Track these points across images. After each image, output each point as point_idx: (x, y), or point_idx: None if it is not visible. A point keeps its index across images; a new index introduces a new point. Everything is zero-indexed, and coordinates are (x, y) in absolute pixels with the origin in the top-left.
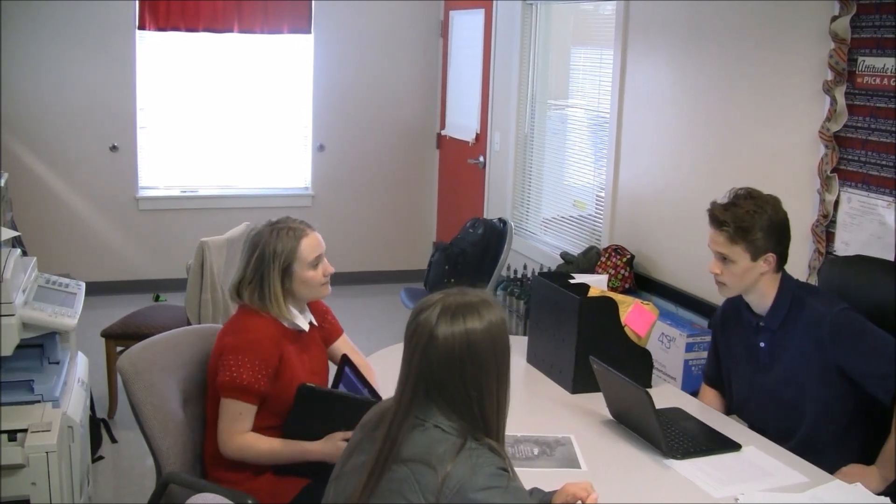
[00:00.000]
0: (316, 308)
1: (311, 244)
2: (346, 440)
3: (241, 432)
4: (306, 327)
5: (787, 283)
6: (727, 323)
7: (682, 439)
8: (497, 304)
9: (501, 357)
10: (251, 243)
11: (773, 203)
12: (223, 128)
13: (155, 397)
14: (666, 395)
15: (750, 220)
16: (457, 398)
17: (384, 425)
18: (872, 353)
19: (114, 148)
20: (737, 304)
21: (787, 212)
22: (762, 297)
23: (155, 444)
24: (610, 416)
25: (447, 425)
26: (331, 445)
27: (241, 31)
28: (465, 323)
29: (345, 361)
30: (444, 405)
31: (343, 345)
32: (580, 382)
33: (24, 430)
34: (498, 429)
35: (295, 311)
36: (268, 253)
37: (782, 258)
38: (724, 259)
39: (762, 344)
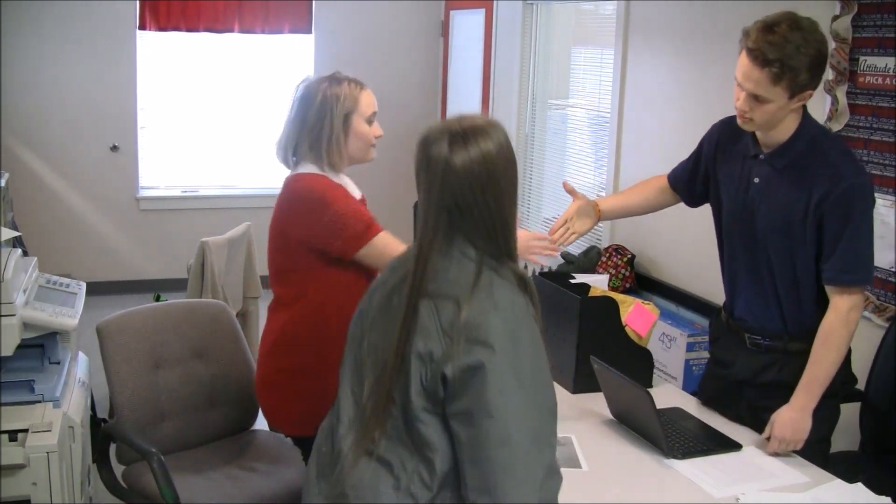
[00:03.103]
0: None
1: (370, 99)
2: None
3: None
4: (358, 195)
5: (808, 122)
6: (723, 143)
7: (683, 439)
8: (499, 122)
9: (514, 173)
10: (304, 95)
11: (818, 31)
12: (224, 128)
13: (121, 356)
14: (667, 394)
15: (799, 57)
16: (479, 221)
17: (411, 260)
18: (854, 240)
19: (114, 148)
20: (736, 127)
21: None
22: (778, 133)
23: (114, 397)
24: (611, 416)
25: (471, 253)
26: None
27: (242, 31)
28: (479, 146)
29: None
30: (468, 230)
31: None
32: (581, 382)
33: (25, 431)
34: (514, 247)
35: (346, 178)
36: (329, 99)
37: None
38: (755, 97)
39: (756, 179)
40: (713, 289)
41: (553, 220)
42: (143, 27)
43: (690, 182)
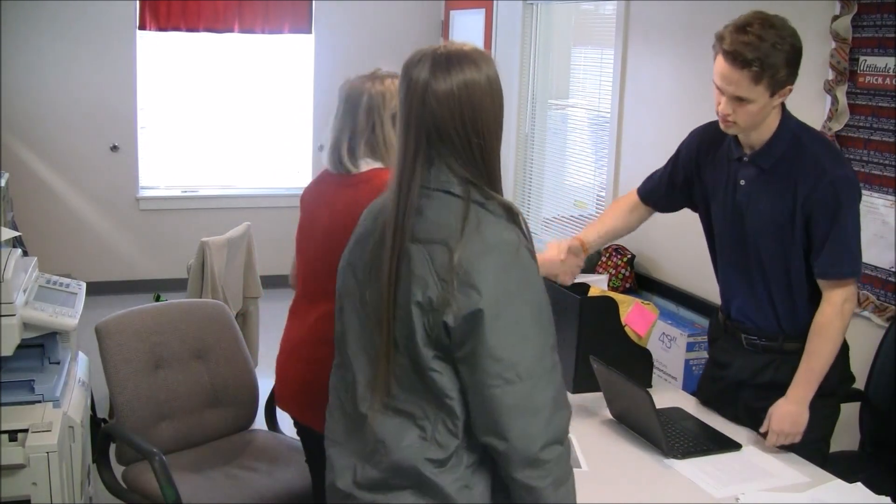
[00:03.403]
0: None
1: None
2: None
3: None
4: None
5: (788, 119)
6: (704, 149)
7: (683, 439)
8: (489, 55)
9: (499, 110)
10: (349, 97)
11: (789, 26)
12: (224, 128)
13: (121, 356)
14: (666, 394)
15: (776, 54)
16: (460, 148)
17: (392, 196)
18: (842, 233)
19: (114, 148)
20: (715, 132)
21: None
22: (760, 133)
23: (114, 397)
24: (610, 416)
25: (455, 187)
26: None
27: (242, 31)
28: (463, 72)
29: None
30: (448, 155)
31: None
32: (581, 382)
33: (25, 431)
34: (499, 177)
35: None
36: (376, 98)
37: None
38: (738, 99)
39: (742, 181)
40: (713, 289)
41: (552, 219)
42: (143, 27)
43: (669, 190)
